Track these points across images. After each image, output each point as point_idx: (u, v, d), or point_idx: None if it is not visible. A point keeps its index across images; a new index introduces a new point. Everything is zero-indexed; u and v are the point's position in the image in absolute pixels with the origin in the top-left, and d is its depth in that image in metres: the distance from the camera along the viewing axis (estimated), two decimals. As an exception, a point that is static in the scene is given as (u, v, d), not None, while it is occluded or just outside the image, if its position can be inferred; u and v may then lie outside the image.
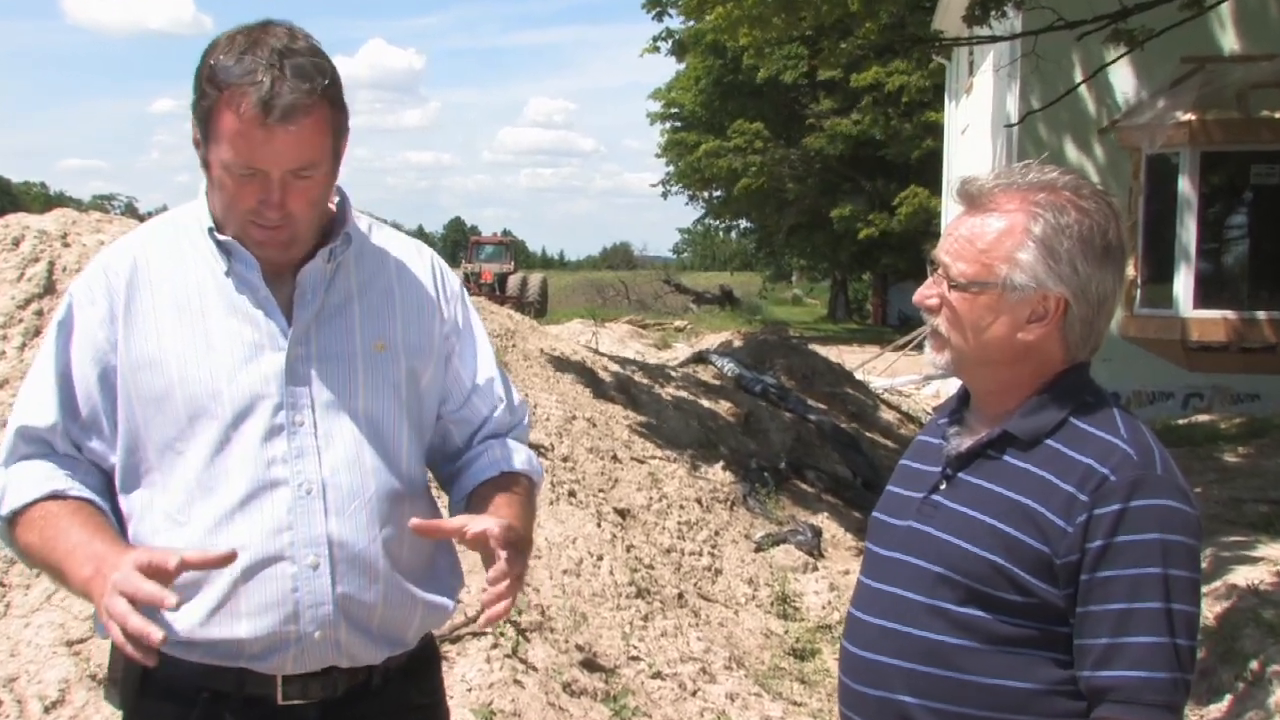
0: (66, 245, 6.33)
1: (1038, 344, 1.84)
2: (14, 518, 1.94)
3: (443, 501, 2.31)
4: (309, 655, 1.96)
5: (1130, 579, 1.70)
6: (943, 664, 1.80)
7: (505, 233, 50.66)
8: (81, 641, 3.90)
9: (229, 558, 1.82)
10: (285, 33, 1.91)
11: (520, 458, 2.20)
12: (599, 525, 6.00)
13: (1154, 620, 1.70)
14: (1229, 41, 13.60)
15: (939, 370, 1.95)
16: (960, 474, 1.89)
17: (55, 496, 1.93)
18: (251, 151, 1.87)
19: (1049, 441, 1.81)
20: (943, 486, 1.91)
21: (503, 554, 1.88)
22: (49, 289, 5.93)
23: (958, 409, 2.00)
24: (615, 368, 10.14)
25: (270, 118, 1.85)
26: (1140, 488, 1.73)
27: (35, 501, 1.92)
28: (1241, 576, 5.82)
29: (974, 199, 1.88)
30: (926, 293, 1.90)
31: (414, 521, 1.93)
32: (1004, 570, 1.76)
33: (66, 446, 1.98)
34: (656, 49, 17.32)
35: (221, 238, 1.98)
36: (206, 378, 1.94)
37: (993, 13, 10.92)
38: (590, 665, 4.76)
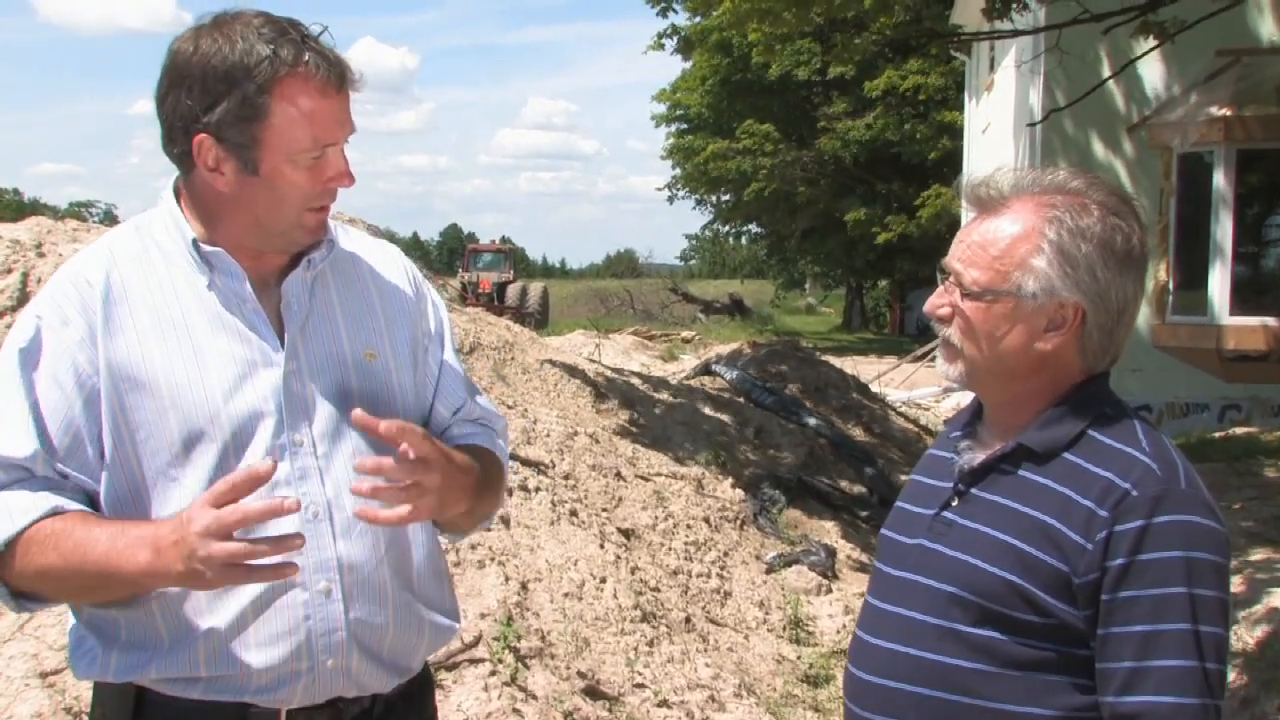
0: (41, 255, 6.36)
1: (1055, 354, 1.84)
2: (8, 547, 1.85)
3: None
4: (319, 685, 1.97)
5: (1154, 599, 1.70)
6: (956, 689, 1.80)
7: (504, 240, 50.70)
8: (56, 673, 3.90)
9: (295, 506, 1.76)
10: (254, 13, 1.93)
11: (479, 436, 2.19)
12: (602, 546, 6.00)
13: (1181, 643, 1.69)
14: (1268, 32, 13.60)
15: (951, 382, 1.95)
16: (973, 489, 1.89)
17: (56, 513, 1.86)
18: (326, 127, 1.92)
19: (1066, 455, 1.81)
20: (954, 503, 1.90)
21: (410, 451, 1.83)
22: (23, 301, 5.95)
23: (970, 422, 2.00)
24: (619, 381, 10.14)
25: (343, 86, 1.92)
26: (1164, 503, 1.72)
27: (33, 523, 1.85)
28: (1282, 598, 5.80)
29: (985, 202, 1.88)
30: (938, 302, 1.90)
31: (356, 412, 1.84)
32: (1020, 589, 1.75)
33: (48, 473, 1.90)
34: (661, 46, 17.37)
35: (208, 249, 1.97)
36: (201, 400, 1.92)
37: (1014, 6, 10.92)
38: (593, 693, 4.76)
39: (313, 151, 1.91)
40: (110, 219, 60.99)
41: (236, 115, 1.87)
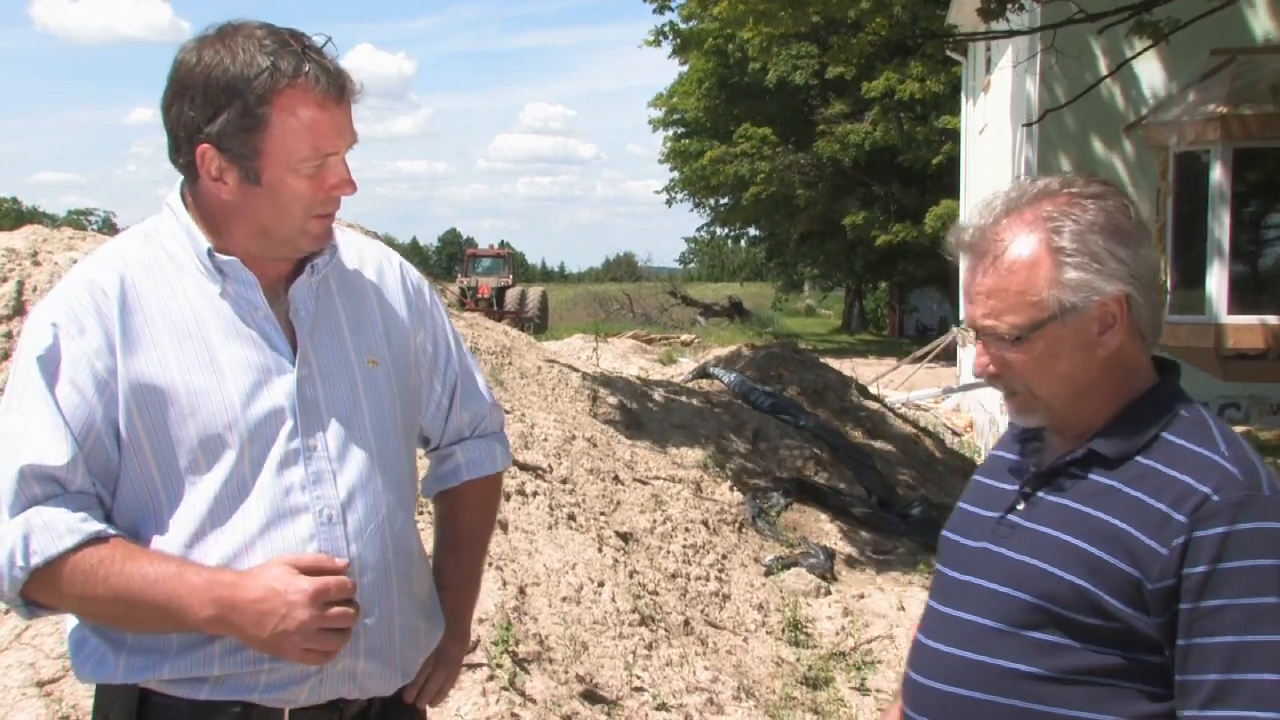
0: (37, 264, 6.38)
1: (1119, 349, 1.79)
2: (47, 566, 1.87)
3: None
4: (326, 686, 2.00)
5: (1243, 610, 1.63)
6: (1019, 695, 1.75)
7: (503, 244, 50.81)
8: (53, 681, 3.91)
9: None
10: (257, 24, 1.96)
11: (482, 461, 2.36)
12: (600, 550, 6.02)
13: (1273, 655, 1.62)
14: (1263, 30, 13.61)
15: (1038, 425, 1.89)
16: (1039, 493, 1.84)
17: (98, 540, 1.89)
18: (327, 137, 1.95)
19: (1139, 458, 1.76)
20: (1020, 506, 1.86)
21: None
22: (18, 310, 5.97)
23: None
24: (617, 384, 10.16)
25: (343, 97, 1.96)
26: (1247, 510, 1.65)
27: (76, 548, 1.87)
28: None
29: (978, 246, 1.82)
30: (983, 361, 1.84)
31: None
32: (1087, 594, 1.71)
33: (84, 484, 1.92)
34: (658, 43, 17.38)
35: (222, 258, 2.00)
36: (219, 407, 1.95)
37: (1009, 6, 10.93)
38: (591, 697, 4.77)
39: (314, 161, 1.95)
40: (109, 227, 60.93)
41: (237, 126, 1.91)
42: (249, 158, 1.93)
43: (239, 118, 1.90)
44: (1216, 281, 12.50)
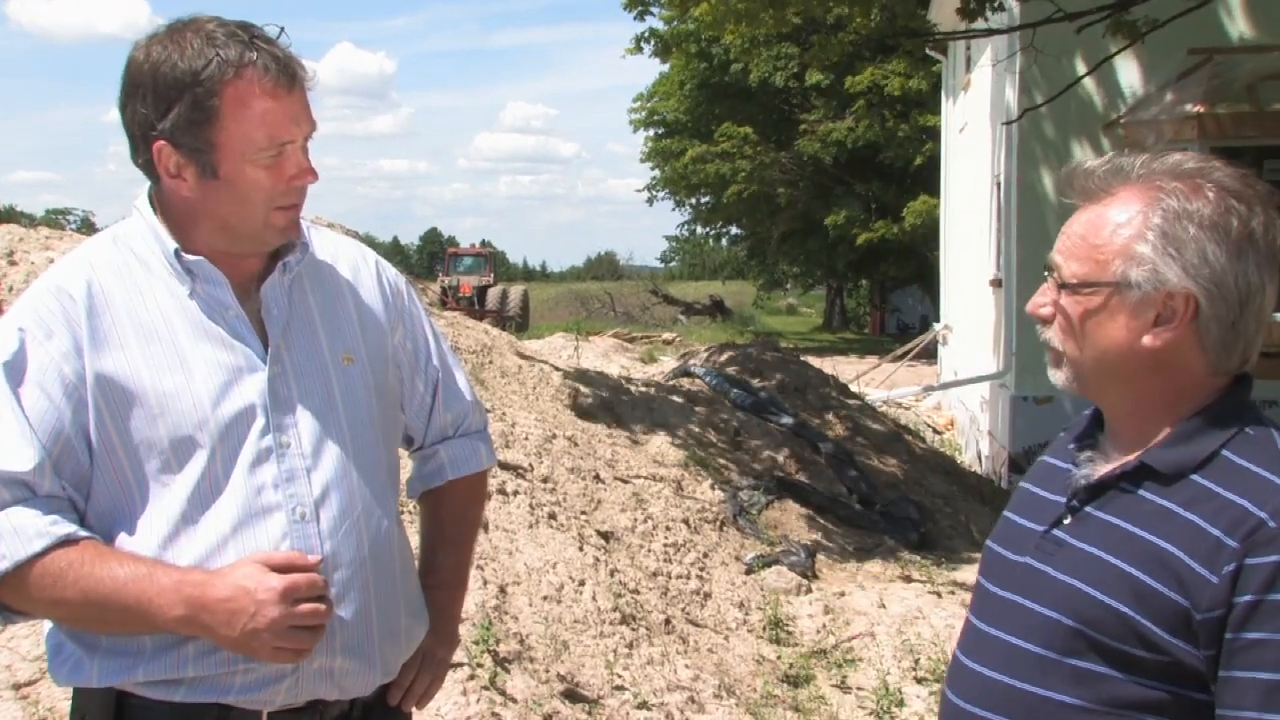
0: (13, 264, 6.35)
1: (1168, 351, 1.67)
2: (16, 571, 1.85)
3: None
4: (302, 686, 1.99)
5: None
6: None
7: (484, 243, 50.67)
8: (30, 684, 3.89)
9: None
10: (209, 18, 1.96)
11: (467, 459, 2.37)
12: (581, 549, 6.01)
13: None
14: (1238, 30, 13.68)
15: (1063, 389, 1.79)
16: (1088, 508, 1.73)
17: (68, 542, 1.87)
18: (281, 126, 1.93)
19: (1195, 477, 1.64)
20: (1067, 521, 1.75)
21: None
22: (-5, 309, 5.93)
23: (1090, 431, 1.84)
24: (597, 383, 10.15)
25: (294, 85, 1.94)
26: None
27: (45, 552, 1.86)
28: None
29: (1091, 192, 1.74)
30: (1040, 300, 1.77)
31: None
32: (1131, 622, 1.60)
33: (53, 487, 1.90)
34: (640, 50, 17.32)
35: (190, 258, 1.99)
36: (189, 408, 1.94)
37: (988, 6, 10.97)
38: (572, 696, 4.77)
39: (269, 150, 1.94)
40: (88, 226, 60.66)
41: (189, 120, 1.90)
42: (204, 151, 1.92)
43: (190, 111, 1.90)
44: (1195, 279, 12.52)
